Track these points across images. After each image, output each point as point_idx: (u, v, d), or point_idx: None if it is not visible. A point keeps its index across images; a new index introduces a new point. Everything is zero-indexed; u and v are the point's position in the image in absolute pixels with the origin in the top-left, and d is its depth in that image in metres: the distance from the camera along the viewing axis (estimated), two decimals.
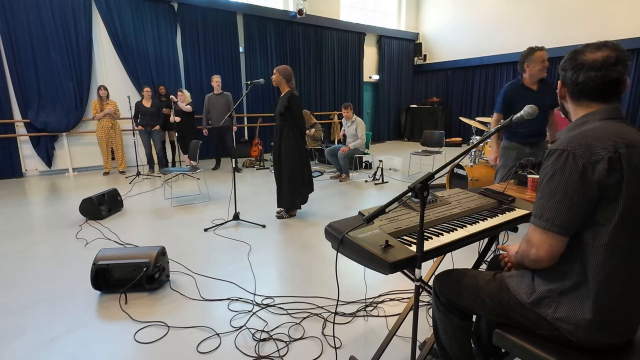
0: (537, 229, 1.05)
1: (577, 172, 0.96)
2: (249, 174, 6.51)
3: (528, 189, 2.45)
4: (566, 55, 1.12)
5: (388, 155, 8.44)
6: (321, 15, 9.48)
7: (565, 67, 1.11)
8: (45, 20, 6.25)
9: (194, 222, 3.85)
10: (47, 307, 2.25)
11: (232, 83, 8.40)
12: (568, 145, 0.99)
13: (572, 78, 1.09)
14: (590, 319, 1.00)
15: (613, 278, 0.98)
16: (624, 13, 7.50)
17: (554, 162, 1.01)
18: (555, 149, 1.01)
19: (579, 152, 0.97)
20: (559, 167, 0.99)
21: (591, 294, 1.00)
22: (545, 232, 1.02)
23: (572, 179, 0.97)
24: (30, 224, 3.87)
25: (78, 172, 6.88)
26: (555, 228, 1.00)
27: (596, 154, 0.95)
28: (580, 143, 0.98)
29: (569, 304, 1.04)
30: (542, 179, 1.05)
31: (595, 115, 1.07)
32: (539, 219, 1.04)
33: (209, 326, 2.04)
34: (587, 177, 0.95)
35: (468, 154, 3.25)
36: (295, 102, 3.66)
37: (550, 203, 1.01)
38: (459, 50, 10.59)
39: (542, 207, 1.03)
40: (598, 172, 0.95)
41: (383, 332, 1.98)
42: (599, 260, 0.98)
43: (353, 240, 1.23)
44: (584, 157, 0.96)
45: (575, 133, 1.03)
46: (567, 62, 1.10)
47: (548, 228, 1.01)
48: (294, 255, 3.01)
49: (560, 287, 1.06)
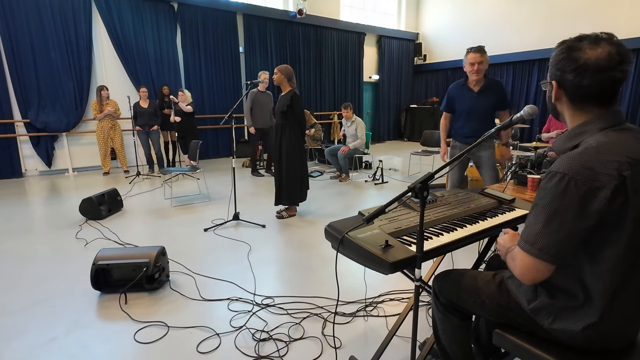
0: (525, 254, 0.98)
1: (577, 200, 0.90)
2: (249, 174, 6.50)
3: (528, 189, 2.45)
4: (558, 51, 1.01)
5: (388, 155, 8.43)
6: (321, 15, 9.48)
7: (563, 67, 1.00)
8: (45, 21, 6.25)
9: (194, 222, 3.85)
10: (47, 307, 2.25)
11: (232, 83, 8.41)
12: (569, 168, 0.92)
13: (574, 81, 0.98)
14: (588, 335, 1.00)
15: (617, 299, 0.96)
16: (624, 13, 7.50)
17: (554, 187, 0.93)
18: (556, 172, 0.94)
19: (581, 178, 0.90)
20: (558, 193, 0.92)
21: (591, 315, 0.98)
22: (535, 260, 0.96)
23: (572, 207, 0.91)
24: (30, 224, 3.87)
25: (78, 172, 6.88)
26: (546, 257, 0.94)
27: (599, 181, 0.89)
28: (582, 167, 0.91)
29: (567, 319, 1.03)
30: (537, 201, 0.98)
31: (595, 123, 0.99)
32: (530, 245, 0.96)
33: (209, 326, 2.04)
34: (587, 205, 0.90)
35: (468, 153, 3.26)
36: (298, 102, 3.68)
37: (545, 230, 0.94)
38: (459, 50, 10.58)
39: (537, 233, 0.95)
40: (599, 200, 0.89)
41: (383, 332, 1.98)
42: (605, 283, 0.96)
43: (353, 240, 1.23)
44: (587, 183, 0.89)
45: (577, 153, 0.94)
46: (565, 62, 0.99)
47: (540, 257, 0.95)
48: (294, 255, 3.01)
49: (562, 304, 1.04)
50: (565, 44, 1.01)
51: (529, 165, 4.08)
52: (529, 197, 2.23)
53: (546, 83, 1.10)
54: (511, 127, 3.18)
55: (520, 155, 4.51)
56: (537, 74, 9.01)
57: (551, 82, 1.05)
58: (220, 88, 8.28)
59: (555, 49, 1.03)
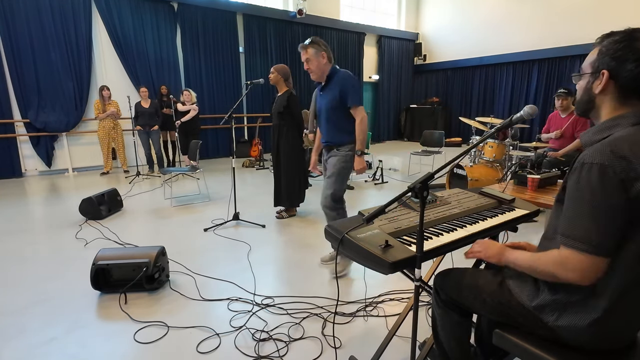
0: (580, 253, 0.93)
1: (617, 190, 0.88)
2: (249, 174, 6.50)
3: (528, 189, 2.45)
4: (613, 40, 0.97)
5: (388, 155, 8.44)
6: (321, 15, 9.48)
7: (622, 56, 0.95)
8: (45, 21, 6.25)
9: (194, 222, 3.85)
10: (46, 307, 2.25)
11: (231, 83, 8.41)
12: (602, 158, 0.90)
13: (636, 71, 0.94)
14: (591, 332, 0.99)
15: (626, 296, 0.96)
16: (624, 13, 7.50)
17: (593, 178, 0.91)
18: (591, 163, 0.91)
19: (617, 167, 0.88)
20: (598, 184, 0.90)
21: (598, 310, 0.98)
22: (593, 257, 0.92)
23: (614, 197, 0.89)
24: (30, 224, 3.87)
25: (78, 172, 6.88)
26: (604, 252, 0.92)
27: (634, 171, 0.88)
28: (615, 155, 0.89)
29: (572, 315, 1.02)
30: (575, 195, 0.95)
31: (628, 118, 0.97)
32: (583, 243, 0.92)
33: (209, 326, 2.04)
34: (626, 194, 0.88)
35: (468, 154, 3.23)
36: (295, 102, 3.66)
37: (594, 225, 0.91)
38: (458, 50, 10.59)
39: (587, 229, 0.92)
40: (635, 190, 0.87)
41: (383, 332, 1.98)
42: (616, 279, 0.95)
43: (353, 240, 1.23)
44: (623, 173, 0.88)
45: (608, 142, 0.93)
46: (626, 50, 0.94)
47: (597, 253, 0.91)
48: (293, 255, 3.01)
49: (566, 299, 1.03)
50: (623, 33, 0.97)
51: (529, 165, 4.08)
52: (529, 197, 2.23)
53: (579, 75, 1.07)
54: (511, 127, 3.12)
55: (520, 156, 4.51)
56: (537, 74, 9.01)
57: (600, 73, 1.00)
58: (220, 88, 8.28)
59: (608, 38, 0.99)
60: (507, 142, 4.62)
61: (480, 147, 4.97)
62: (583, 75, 1.06)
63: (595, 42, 1.04)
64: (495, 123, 5.14)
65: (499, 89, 9.92)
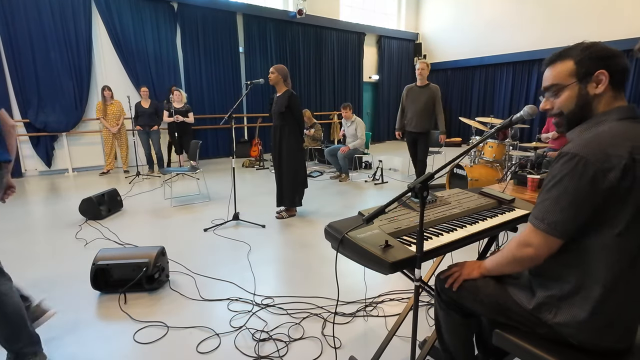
0: (537, 231, 1.03)
1: (587, 179, 0.93)
2: (249, 174, 6.50)
3: (528, 189, 2.46)
4: (582, 47, 1.05)
5: (388, 155, 8.44)
6: (321, 15, 9.48)
7: (605, 55, 1.02)
8: (45, 21, 6.24)
9: (194, 222, 3.85)
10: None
11: (231, 83, 8.40)
12: (582, 149, 0.95)
13: (623, 63, 1.01)
14: (591, 323, 1.00)
15: (616, 283, 0.97)
16: (624, 13, 7.50)
17: (564, 166, 0.97)
18: (567, 152, 0.97)
19: (592, 159, 0.93)
20: (568, 172, 0.96)
21: (592, 298, 0.99)
22: (546, 236, 1.01)
23: (581, 185, 0.94)
24: (30, 223, 3.87)
25: (78, 172, 6.87)
26: (557, 233, 1.00)
27: (609, 162, 0.92)
28: (595, 149, 0.94)
29: (568, 309, 1.04)
30: (548, 180, 1.02)
31: (613, 114, 1.02)
32: (540, 221, 1.02)
33: (209, 326, 2.04)
34: (596, 185, 0.93)
35: (468, 154, 3.23)
36: (296, 102, 3.67)
37: (555, 207, 0.99)
38: (458, 50, 10.59)
39: (546, 210, 1.01)
40: (609, 180, 0.92)
41: (383, 332, 1.98)
42: (603, 266, 0.97)
43: (353, 240, 1.22)
44: (597, 163, 0.92)
45: (591, 136, 0.98)
46: (603, 51, 1.03)
47: (550, 232, 1.00)
48: (293, 255, 3.01)
49: (559, 293, 1.05)
50: (582, 44, 1.06)
51: (529, 165, 4.08)
52: (529, 197, 2.23)
53: (562, 88, 1.07)
54: (511, 127, 3.14)
55: (520, 156, 4.51)
56: (537, 74, 9.00)
57: (593, 75, 1.02)
58: (220, 88, 8.27)
59: (572, 51, 1.06)
60: (507, 142, 4.61)
61: (480, 147, 4.97)
62: (567, 86, 1.06)
63: (548, 61, 1.11)
64: (495, 123, 5.14)
65: (498, 89, 9.92)
